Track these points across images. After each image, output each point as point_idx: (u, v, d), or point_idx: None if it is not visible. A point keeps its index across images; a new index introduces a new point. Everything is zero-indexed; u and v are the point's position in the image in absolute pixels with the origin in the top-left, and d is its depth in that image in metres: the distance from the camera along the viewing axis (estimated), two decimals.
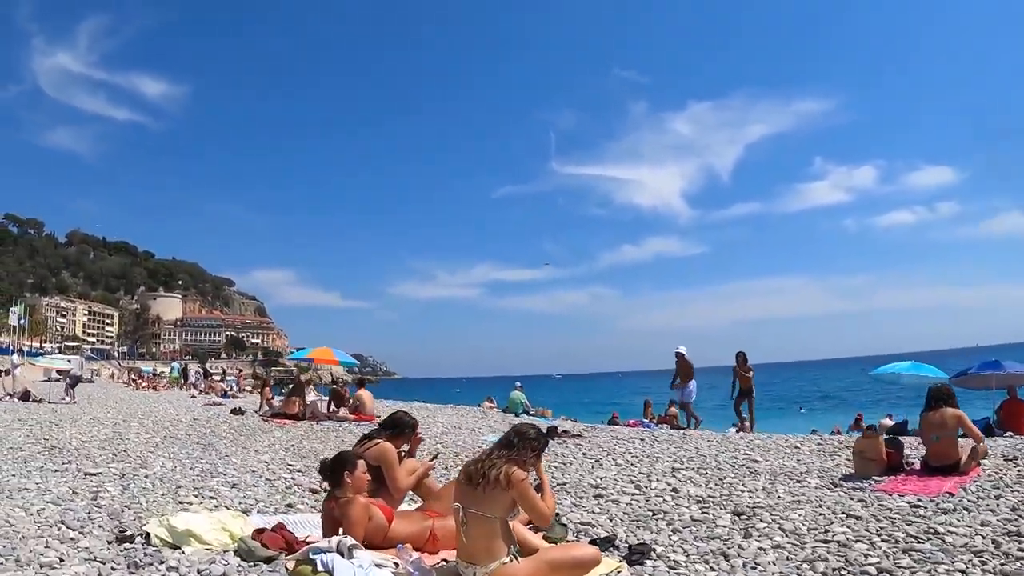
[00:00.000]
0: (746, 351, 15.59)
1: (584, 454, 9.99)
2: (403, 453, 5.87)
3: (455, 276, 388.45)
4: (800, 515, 5.69)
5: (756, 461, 8.70)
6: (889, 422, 19.82)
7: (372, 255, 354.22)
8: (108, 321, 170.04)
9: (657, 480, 7.71)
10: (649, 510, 6.23)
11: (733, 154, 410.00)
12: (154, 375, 50.86)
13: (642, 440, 11.49)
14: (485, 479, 4.03)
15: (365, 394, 16.02)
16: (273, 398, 17.89)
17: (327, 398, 18.50)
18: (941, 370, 18.22)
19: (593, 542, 5.11)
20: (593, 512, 6.22)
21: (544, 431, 4.50)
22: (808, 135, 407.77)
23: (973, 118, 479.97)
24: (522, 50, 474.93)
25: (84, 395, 27.70)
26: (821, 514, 5.71)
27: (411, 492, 5.80)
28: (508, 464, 4.08)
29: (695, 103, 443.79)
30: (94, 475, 7.69)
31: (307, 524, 5.53)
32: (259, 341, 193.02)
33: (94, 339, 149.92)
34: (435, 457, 6.32)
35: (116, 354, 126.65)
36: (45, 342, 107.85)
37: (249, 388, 35.49)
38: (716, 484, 7.33)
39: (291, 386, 17.01)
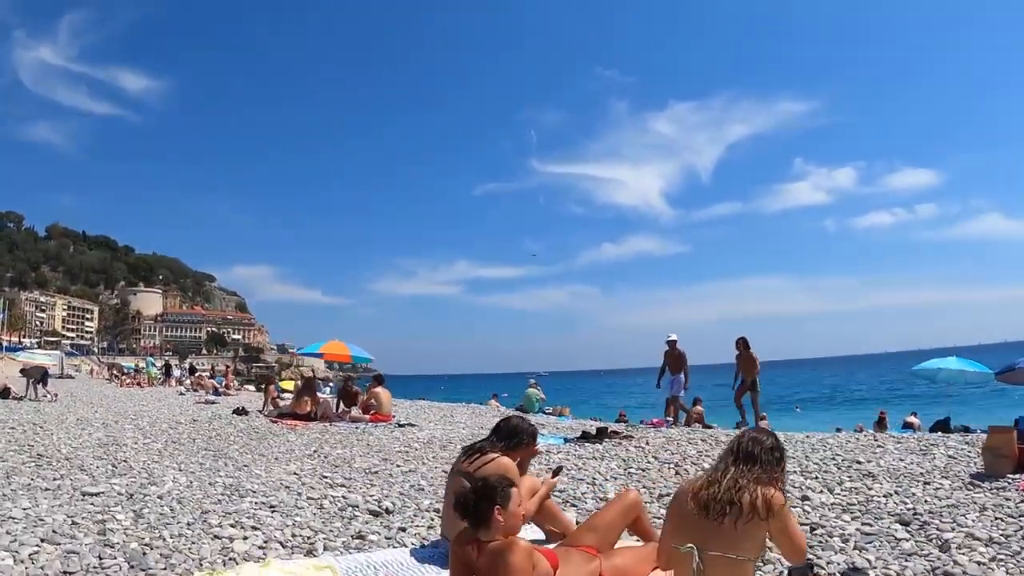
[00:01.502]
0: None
1: (655, 458, 8.64)
2: None
3: (436, 273, 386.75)
4: (974, 520, 4.94)
5: (859, 462, 7.58)
6: (915, 419, 18.84)
7: (353, 252, 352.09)
8: (88, 316, 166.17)
9: None
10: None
11: (714, 154, 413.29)
12: (136, 371, 48.65)
13: (704, 440, 10.10)
14: (734, 507, 2.97)
15: (382, 392, 14.46)
16: (278, 396, 16.25)
17: (333, 397, 16.98)
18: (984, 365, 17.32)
19: (795, 572, 3.84)
20: None
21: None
22: (788, 136, 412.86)
23: (953, 122, 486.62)
24: (505, 48, 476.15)
25: (67, 392, 25.92)
26: (999, 518, 4.97)
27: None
28: (761, 486, 3.05)
29: (677, 103, 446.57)
30: (94, 495, 6.12)
31: (404, 567, 4.07)
32: (240, 337, 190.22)
33: (74, 334, 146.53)
34: (558, 472, 4.85)
35: (96, 350, 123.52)
36: (24, 337, 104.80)
37: (236, 386, 33.69)
38: (840, 489, 6.29)
39: (301, 384, 15.35)
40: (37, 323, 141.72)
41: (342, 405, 15.52)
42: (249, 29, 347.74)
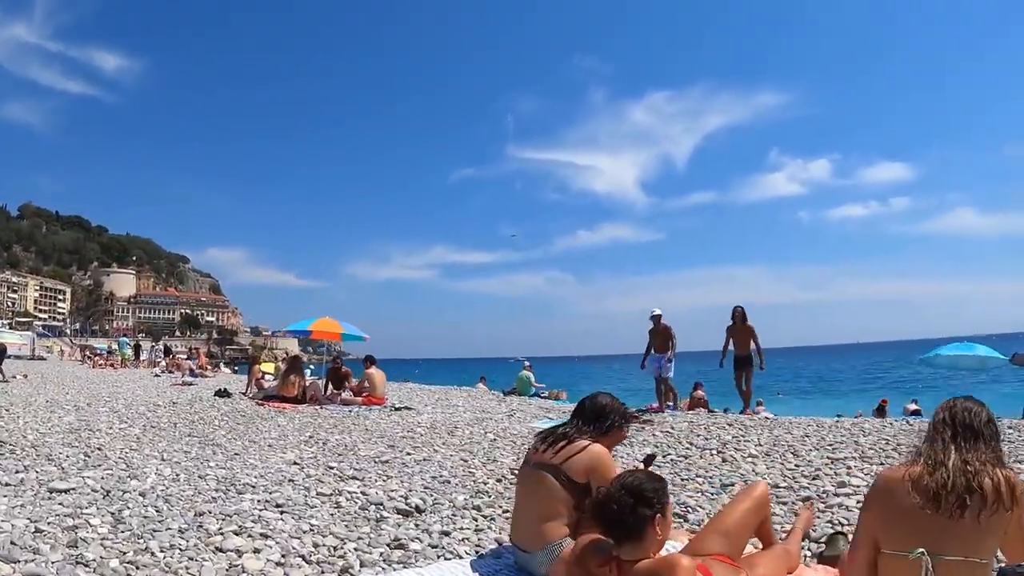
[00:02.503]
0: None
1: (691, 444, 7.79)
2: None
3: (411, 257, 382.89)
4: None
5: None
6: (914, 407, 18.22)
7: (328, 235, 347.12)
8: (60, 297, 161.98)
9: (850, 475, 5.74)
10: None
11: (690, 144, 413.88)
12: (109, 352, 46.94)
13: (731, 425, 9.22)
14: (975, 496, 2.21)
15: (376, 373, 13.40)
16: (263, 377, 15.12)
17: (317, 378, 15.88)
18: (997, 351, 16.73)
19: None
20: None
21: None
22: (765, 127, 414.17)
23: (928, 116, 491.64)
24: (484, 34, 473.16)
25: (37, 373, 24.52)
26: None
27: None
28: (999, 468, 2.32)
29: (654, 92, 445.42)
30: (64, 492, 5.04)
31: None
32: (214, 319, 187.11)
33: (46, 315, 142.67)
34: (650, 462, 3.89)
35: (68, 331, 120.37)
36: None
37: (209, 367, 32.31)
38: None
39: (286, 364, 14.21)
40: (9, 304, 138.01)
41: (330, 387, 14.47)
42: (227, 10, 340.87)
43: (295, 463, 6.77)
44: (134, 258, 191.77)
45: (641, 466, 3.69)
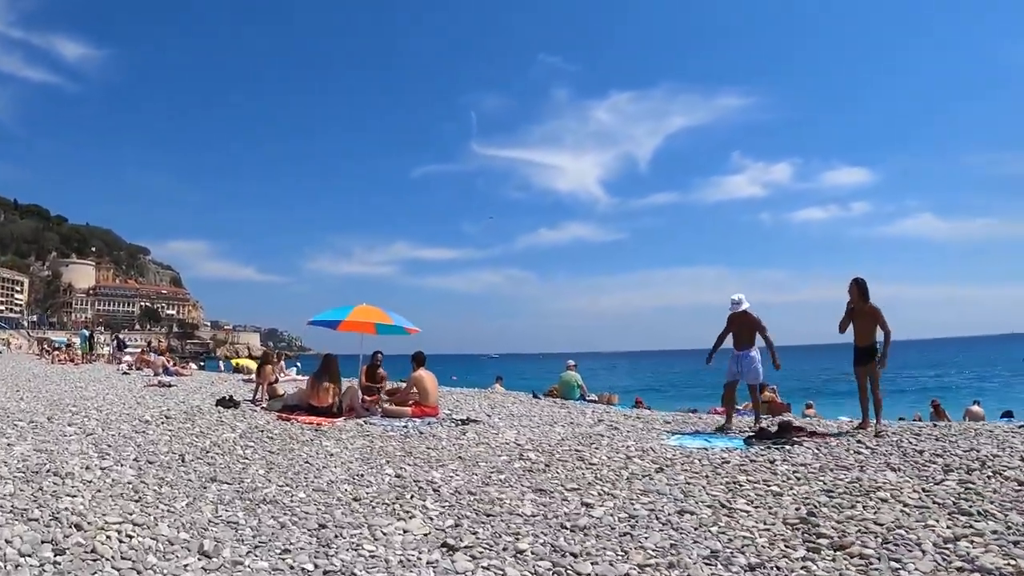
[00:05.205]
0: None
1: (934, 464, 5.32)
2: None
3: (372, 253, 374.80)
4: None
5: None
6: (978, 408, 15.92)
7: (289, 230, 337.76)
8: (17, 288, 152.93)
9: None
10: None
11: (652, 144, 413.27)
12: (67, 346, 42.39)
13: (947, 435, 6.20)
14: None
15: (427, 376, 10.04)
16: (277, 381, 11.69)
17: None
18: None
19: None
20: None
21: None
22: (727, 130, 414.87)
23: (888, 121, 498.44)
24: (450, 32, 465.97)
25: None
26: None
27: None
28: None
29: (617, 93, 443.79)
30: None
31: None
32: (174, 312, 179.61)
33: (3, 307, 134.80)
34: None
35: (26, 323, 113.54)
36: None
37: (181, 365, 28.38)
38: None
39: (320, 365, 10.54)
40: None
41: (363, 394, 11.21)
42: (191, 1, 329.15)
43: (445, 545, 3.62)
44: (93, 249, 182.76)
45: None
